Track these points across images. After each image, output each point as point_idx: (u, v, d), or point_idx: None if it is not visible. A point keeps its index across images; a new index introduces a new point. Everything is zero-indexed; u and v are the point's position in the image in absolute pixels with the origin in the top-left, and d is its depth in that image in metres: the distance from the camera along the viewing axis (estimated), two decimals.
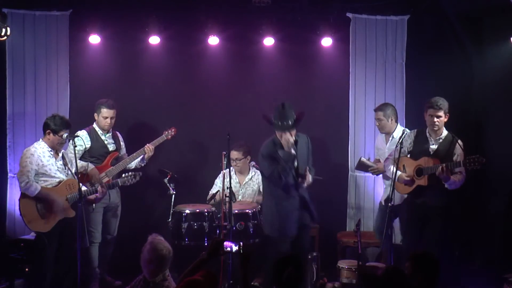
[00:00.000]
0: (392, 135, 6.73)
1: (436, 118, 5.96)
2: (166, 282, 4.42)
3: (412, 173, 5.98)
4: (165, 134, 6.85)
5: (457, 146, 5.95)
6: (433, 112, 5.97)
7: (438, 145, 6.01)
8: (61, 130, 5.94)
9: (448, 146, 5.98)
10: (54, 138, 5.96)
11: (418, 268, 4.28)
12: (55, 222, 5.92)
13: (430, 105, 6.01)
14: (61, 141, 5.98)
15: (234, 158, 6.88)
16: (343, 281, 6.20)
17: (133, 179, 6.33)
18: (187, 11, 7.37)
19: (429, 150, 6.01)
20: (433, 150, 6.01)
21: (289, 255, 4.39)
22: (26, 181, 5.82)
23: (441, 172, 5.74)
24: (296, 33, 7.50)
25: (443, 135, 6.04)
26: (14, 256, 6.27)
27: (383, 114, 6.73)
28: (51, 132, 5.94)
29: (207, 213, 6.54)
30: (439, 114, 5.96)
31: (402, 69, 7.56)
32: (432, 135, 6.04)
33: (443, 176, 5.76)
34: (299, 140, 6.01)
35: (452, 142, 5.98)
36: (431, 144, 6.03)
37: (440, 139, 6.03)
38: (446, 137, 6.04)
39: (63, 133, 5.94)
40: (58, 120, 5.98)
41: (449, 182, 5.82)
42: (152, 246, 4.42)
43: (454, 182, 5.84)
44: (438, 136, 6.03)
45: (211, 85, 7.65)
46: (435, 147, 6.02)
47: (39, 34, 7.19)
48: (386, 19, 7.52)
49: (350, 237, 6.91)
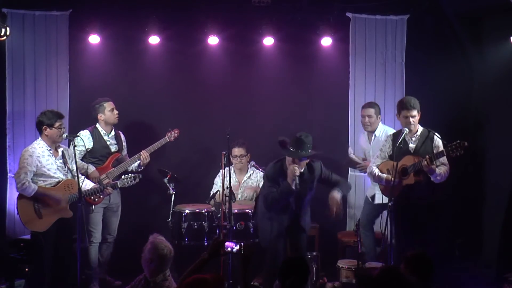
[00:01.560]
0: (375, 134, 6.84)
1: (412, 118, 5.98)
2: (166, 282, 4.42)
3: (398, 174, 5.97)
4: (168, 136, 6.84)
5: (435, 138, 5.97)
6: (407, 113, 5.98)
7: (416, 142, 6.03)
8: (55, 121, 5.93)
9: (425, 141, 6.00)
10: (51, 132, 5.94)
11: (412, 268, 4.29)
12: (52, 222, 5.91)
13: (403, 106, 6.02)
14: (59, 133, 5.95)
15: (238, 155, 6.89)
16: (343, 281, 6.20)
17: (133, 181, 6.32)
18: (187, 11, 7.37)
19: (409, 150, 6.02)
20: (412, 148, 6.02)
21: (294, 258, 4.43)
22: (23, 182, 5.80)
23: (426, 164, 5.74)
24: (296, 33, 7.50)
25: (418, 132, 6.06)
26: (14, 256, 6.28)
27: (374, 111, 6.81)
28: (47, 127, 5.93)
29: (207, 213, 6.54)
30: (413, 113, 5.97)
31: (402, 68, 7.57)
32: (408, 134, 6.05)
33: (428, 169, 5.77)
34: (308, 169, 5.80)
35: (429, 136, 6.01)
36: (409, 143, 6.04)
37: (417, 136, 6.04)
38: (422, 133, 6.05)
39: (58, 124, 5.93)
40: (49, 114, 5.98)
41: (435, 175, 5.82)
42: (153, 246, 4.42)
43: (440, 174, 5.85)
44: (414, 133, 6.05)
45: (211, 85, 7.65)
46: (413, 145, 6.04)
47: (38, 34, 7.19)
48: (386, 19, 7.53)
49: (350, 237, 6.92)
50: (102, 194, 6.24)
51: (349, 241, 6.95)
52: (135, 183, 6.34)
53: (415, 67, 7.57)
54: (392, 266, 5.25)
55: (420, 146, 6.00)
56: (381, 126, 6.89)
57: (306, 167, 5.76)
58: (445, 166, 5.91)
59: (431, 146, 5.97)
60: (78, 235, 5.64)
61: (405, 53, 7.55)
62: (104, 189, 6.16)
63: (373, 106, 6.88)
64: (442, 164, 5.90)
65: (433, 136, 5.99)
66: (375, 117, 6.81)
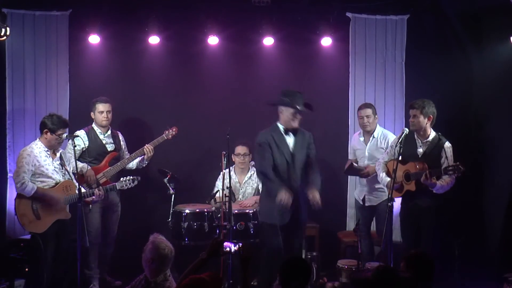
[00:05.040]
0: (373, 135, 6.79)
1: (411, 117, 6.00)
2: (167, 282, 4.42)
3: (401, 177, 5.97)
4: (166, 134, 6.84)
5: (444, 149, 5.91)
6: (410, 112, 6.03)
7: (426, 148, 6.01)
8: (58, 129, 5.93)
9: (434, 149, 5.96)
10: (51, 137, 5.94)
11: (412, 268, 4.29)
12: (50, 223, 5.91)
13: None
14: (58, 141, 5.97)
15: (242, 153, 6.92)
16: (343, 281, 6.21)
17: (131, 183, 6.31)
18: (187, 11, 7.37)
19: (417, 153, 6.00)
20: (420, 153, 6.00)
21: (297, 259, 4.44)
22: (22, 181, 5.80)
23: (425, 179, 5.74)
24: (296, 33, 7.50)
25: (430, 138, 6.02)
26: (14, 256, 6.27)
27: (371, 111, 6.80)
28: (49, 131, 5.93)
29: (207, 213, 6.54)
30: (413, 113, 5.98)
31: (402, 68, 7.57)
32: (419, 137, 6.04)
33: (427, 183, 5.76)
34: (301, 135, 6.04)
35: (438, 144, 5.96)
36: (418, 146, 6.03)
37: (427, 142, 6.02)
38: (433, 139, 6.02)
39: (60, 133, 5.93)
40: (56, 120, 5.97)
41: (436, 187, 5.81)
42: (154, 246, 4.42)
43: (441, 186, 5.81)
44: (426, 139, 6.02)
45: (211, 85, 7.65)
46: (422, 150, 6.01)
47: (38, 34, 7.19)
48: (386, 19, 7.53)
49: (350, 236, 6.92)
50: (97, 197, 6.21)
51: (349, 241, 6.95)
52: (133, 185, 6.32)
53: (415, 67, 7.57)
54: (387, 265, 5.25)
55: (428, 153, 5.96)
56: (379, 127, 6.88)
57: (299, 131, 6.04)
58: (449, 177, 5.83)
59: (438, 156, 5.92)
60: (78, 235, 5.64)
61: (405, 53, 7.56)
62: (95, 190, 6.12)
63: (369, 106, 6.86)
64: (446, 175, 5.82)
65: (443, 145, 5.93)
66: (373, 117, 6.80)
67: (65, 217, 5.99)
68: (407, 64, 7.57)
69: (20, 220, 5.93)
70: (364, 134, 6.88)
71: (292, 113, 5.97)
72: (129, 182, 6.30)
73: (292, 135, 6.05)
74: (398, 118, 7.51)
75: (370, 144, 6.79)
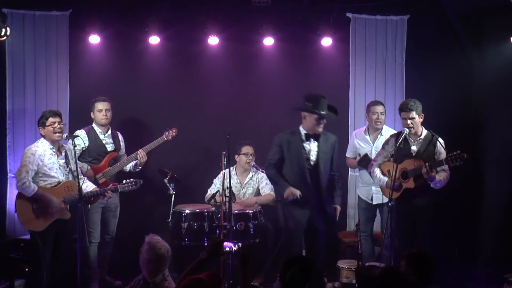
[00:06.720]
0: (381, 133, 6.78)
1: (409, 120, 5.97)
2: (166, 282, 4.42)
3: (398, 176, 5.97)
4: (166, 135, 6.84)
5: (438, 144, 5.96)
6: (405, 115, 5.99)
7: (419, 145, 6.02)
8: (46, 119, 5.92)
9: (428, 145, 5.99)
10: (45, 130, 5.93)
11: (412, 267, 4.29)
12: (49, 222, 5.90)
13: (401, 108, 6.05)
14: (56, 131, 5.93)
15: (250, 153, 6.93)
16: (343, 281, 6.20)
17: (134, 186, 6.28)
18: (187, 11, 7.37)
19: (410, 152, 6.01)
20: (414, 151, 6.01)
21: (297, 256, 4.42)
22: (23, 181, 5.80)
23: (426, 172, 5.75)
24: (296, 33, 7.51)
25: (422, 135, 6.04)
26: (14, 256, 6.28)
27: (384, 109, 6.80)
28: (41, 127, 5.93)
29: (207, 213, 6.54)
30: (411, 115, 5.96)
31: (402, 69, 7.57)
32: (411, 136, 6.04)
33: (427, 176, 5.77)
34: (324, 139, 6.07)
35: (432, 141, 5.99)
36: (411, 145, 6.03)
37: (420, 140, 6.03)
38: (425, 136, 6.04)
39: (52, 121, 5.90)
40: (43, 113, 6.02)
41: (435, 181, 5.83)
42: (150, 246, 4.42)
43: (439, 181, 5.85)
44: (418, 137, 6.03)
45: (211, 85, 7.65)
46: (416, 148, 6.02)
47: (39, 34, 7.19)
48: (386, 19, 7.53)
49: (350, 237, 6.92)
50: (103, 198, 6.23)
51: (349, 241, 6.95)
52: (135, 188, 6.30)
53: (415, 67, 7.57)
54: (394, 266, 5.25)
55: (422, 150, 5.98)
56: (385, 127, 6.86)
57: (322, 134, 6.05)
58: (445, 172, 5.89)
59: (433, 152, 5.96)
60: (78, 235, 5.64)
61: (405, 53, 7.56)
62: (104, 193, 6.13)
63: (381, 103, 6.86)
64: (442, 170, 5.88)
65: (436, 141, 5.96)
66: (385, 114, 6.81)
67: (65, 217, 5.98)
68: (407, 64, 7.57)
69: (20, 218, 5.93)
70: (370, 131, 6.85)
71: (316, 119, 5.96)
72: (131, 184, 6.25)
73: (314, 141, 6.04)
74: (398, 118, 7.46)
75: (378, 142, 6.73)
